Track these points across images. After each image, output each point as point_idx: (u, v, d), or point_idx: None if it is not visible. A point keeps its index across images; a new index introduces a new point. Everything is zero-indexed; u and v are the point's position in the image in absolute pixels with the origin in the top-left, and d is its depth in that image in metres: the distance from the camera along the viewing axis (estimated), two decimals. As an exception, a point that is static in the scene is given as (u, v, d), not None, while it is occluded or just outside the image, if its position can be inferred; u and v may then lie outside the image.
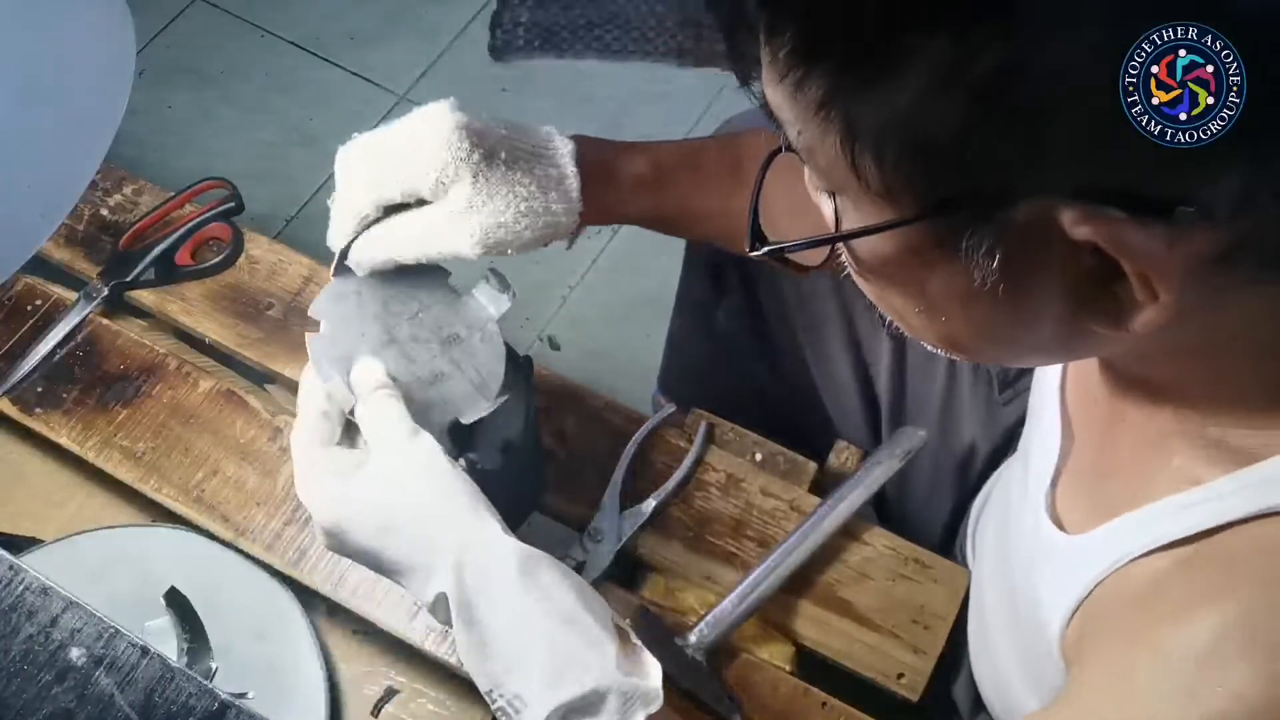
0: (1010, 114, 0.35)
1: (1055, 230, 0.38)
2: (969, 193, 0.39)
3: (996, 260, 0.40)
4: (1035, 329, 0.45)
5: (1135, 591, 0.51)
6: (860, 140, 0.39)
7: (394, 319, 0.68)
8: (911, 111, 0.37)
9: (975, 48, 0.34)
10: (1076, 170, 0.36)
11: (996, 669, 0.70)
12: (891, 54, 0.36)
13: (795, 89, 0.40)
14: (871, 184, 0.40)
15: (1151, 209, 0.36)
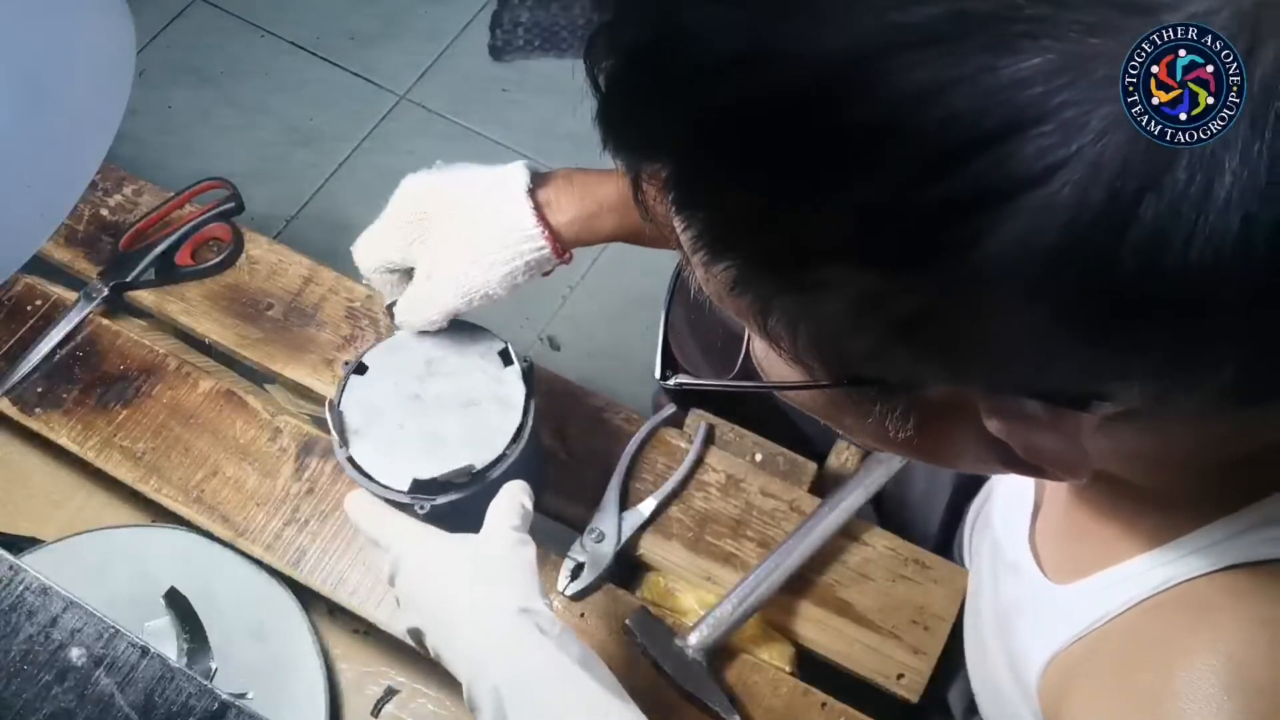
0: (927, 344, 0.35)
1: (970, 408, 0.38)
2: (880, 379, 0.38)
3: (911, 422, 0.40)
4: (957, 464, 0.45)
5: (1115, 646, 0.51)
6: (772, 320, 0.38)
7: (430, 378, 0.74)
8: (826, 322, 0.36)
9: (894, 291, 0.33)
10: (992, 377, 0.36)
11: (991, 681, 0.70)
12: (805, 277, 0.35)
13: (703, 265, 0.38)
14: (784, 350, 0.39)
15: (1068, 404, 0.35)
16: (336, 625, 0.83)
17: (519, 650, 0.60)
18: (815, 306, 0.35)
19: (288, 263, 0.93)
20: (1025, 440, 0.38)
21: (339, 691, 0.80)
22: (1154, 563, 0.50)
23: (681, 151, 0.35)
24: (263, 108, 1.85)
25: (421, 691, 0.81)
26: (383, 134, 1.83)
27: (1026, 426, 0.37)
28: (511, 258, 0.70)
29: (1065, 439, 0.37)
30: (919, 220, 0.31)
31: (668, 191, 0.37)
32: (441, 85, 1.88)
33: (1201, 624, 0.46)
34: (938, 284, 0.32)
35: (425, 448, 0.72)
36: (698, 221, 0.36)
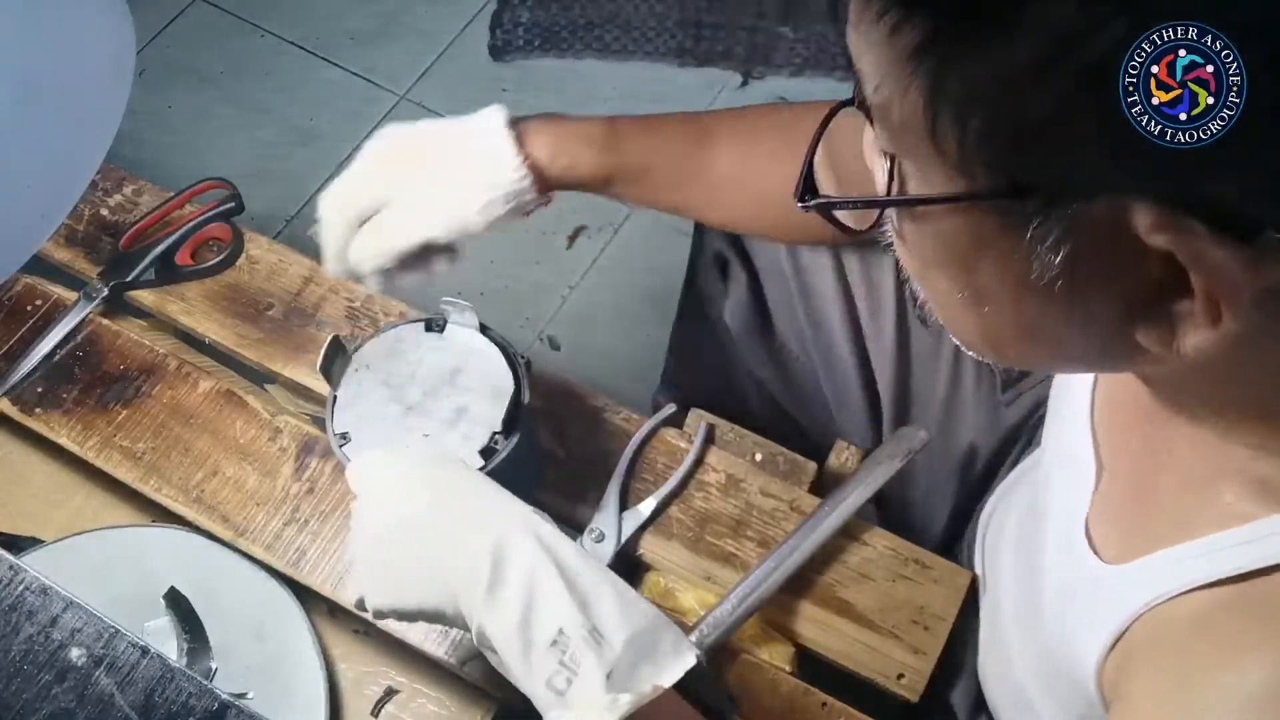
0: (1111, 105, 0.33)
1: (1129, 232, 0.36)
2: (1049, 179, 0.36)
3: (1061, 255, 0.38)
4: (1081, 333, 0.43)
5: (1181, 630, 0.49)
6: (945, 103, 0.37)
7: (400, 390, 0.75)
8: (1010, 82, 0.35)
9: (1091, 27, 0.32)
10: (1169, 175, 0.34)
11: (1013, 678, 0.69)
12: (1005, 15, 0.33)
13: (888, 33, 0.37)
14: (945, 152, 0.38)
15: (1237, 229, 0.34)
16: (336, 625, 0.83)
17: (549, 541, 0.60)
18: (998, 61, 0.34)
19: (288, 263, 0.93)
20: (1193, 251, 0.36)
21: (339, 691, 0.80)
22: (1232, 541, 0.47)
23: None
24: (263, 108, 1.85)
25: (421, 691, 0.81)
26: (383, 134, 1.83)
27: (1193, 240, 0.35)
28: (491, 186, 0.70)
29: (1232, 260, 0.36)
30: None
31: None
32: (441, 85, 1.88)
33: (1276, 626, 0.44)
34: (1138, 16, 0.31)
35: (420, 444, 0.72)
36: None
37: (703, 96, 1.82)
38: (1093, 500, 0.62)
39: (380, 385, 0.75)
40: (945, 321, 0.48)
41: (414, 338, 0.77)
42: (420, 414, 0.74)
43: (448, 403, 0.74)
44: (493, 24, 1.93)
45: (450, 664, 0.78)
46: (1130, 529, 0.57)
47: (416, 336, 0.77)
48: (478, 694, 0.80)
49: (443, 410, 0.74)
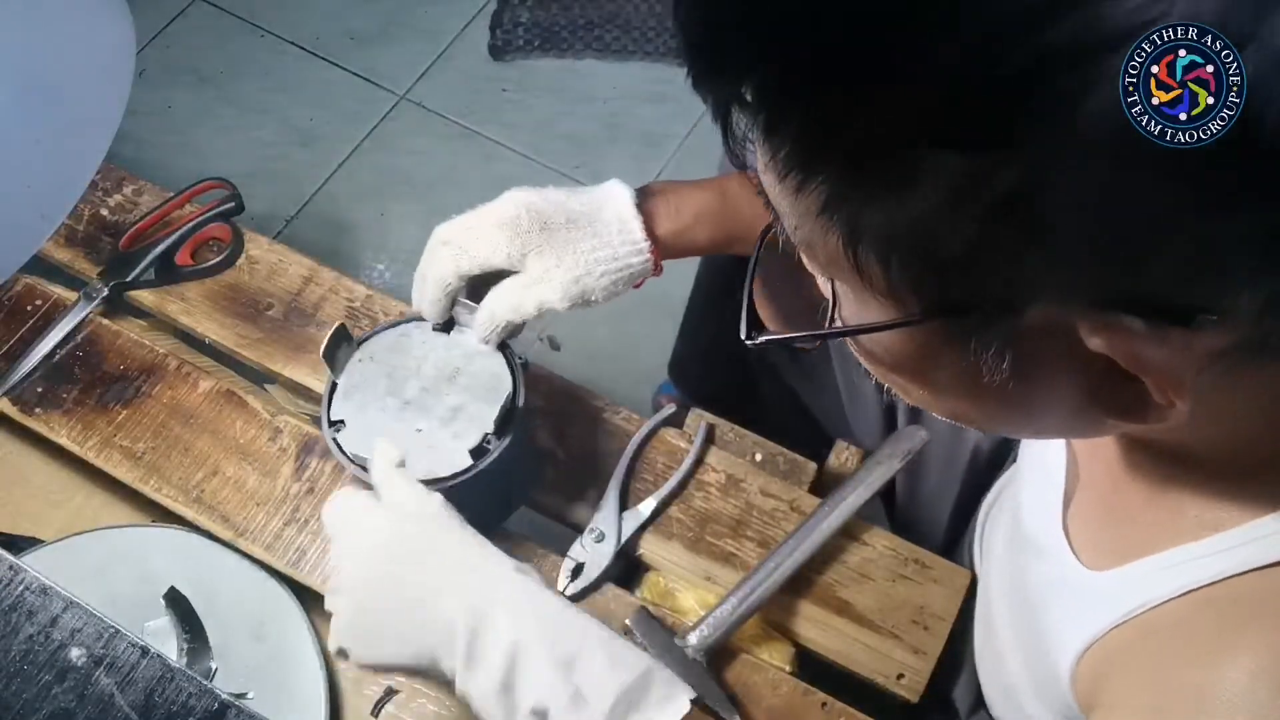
0: (1023, 232, 0.34)
1: (1069, 334, 0.37)
2: (978, 299, 0.37)
3: (1006, 361, 0.39)
4: (1045, 418, 0.44)
5: (1160, 637, 0.50)
6: (864, 245, 0.37)
7: (400, 383, 0.75)
8: (920, 224, 0.35)
9: (987, 171, 0.32)
10: (1092, 280, 0.35)
11: (1004, 677, 0.70)
12: (899, 170, 0.34)
13: (794, 191, 0.38)
14: (875, 284, 0.38)
15: (1171, 317, 0.34)
16: (336, 625, 0.83)
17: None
18: (906, 209, 0.35)
19: (288, 263, 0.93)
20: (1130, 352, 0.36)
21: (339, 691, 0.80)
22: (1206, 551, 0.48)
23: (767, 60, 0.35)
24: (263, 108, 1.85)
25: (421, 691, 0.81)
26: (383, 134, 1.83)
27: (1131, 339, 0.36)
28: (621, 268, 0.74)
29: (1171, 351, 0.36)
30: (1009, 88, 0.30)
31: (757, 115, 0.36)
32: (441, 85, 1.88)
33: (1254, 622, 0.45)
34: (1030, 158, 0.32)
35: (413, 437, 0.73)
36: (788, 137, 0.36)
37: (703, 96, 1.82)
38: (1069, 504, 0.63)
39: (382, 377, 0.75)
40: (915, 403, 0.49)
41: (420, 335, 0.77)
42: (417, 409, 0.74)
43: (445, 400, 0.74)
44: (493, 24, 1.93)
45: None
46: (1106, 536, 0.59)
47: (423, 334, 0.77)
48: (478, 694, 0.80)
49: (439, 407, 0.74)
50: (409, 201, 1.73)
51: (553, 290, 0.73)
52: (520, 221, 0.73)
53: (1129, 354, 0.36)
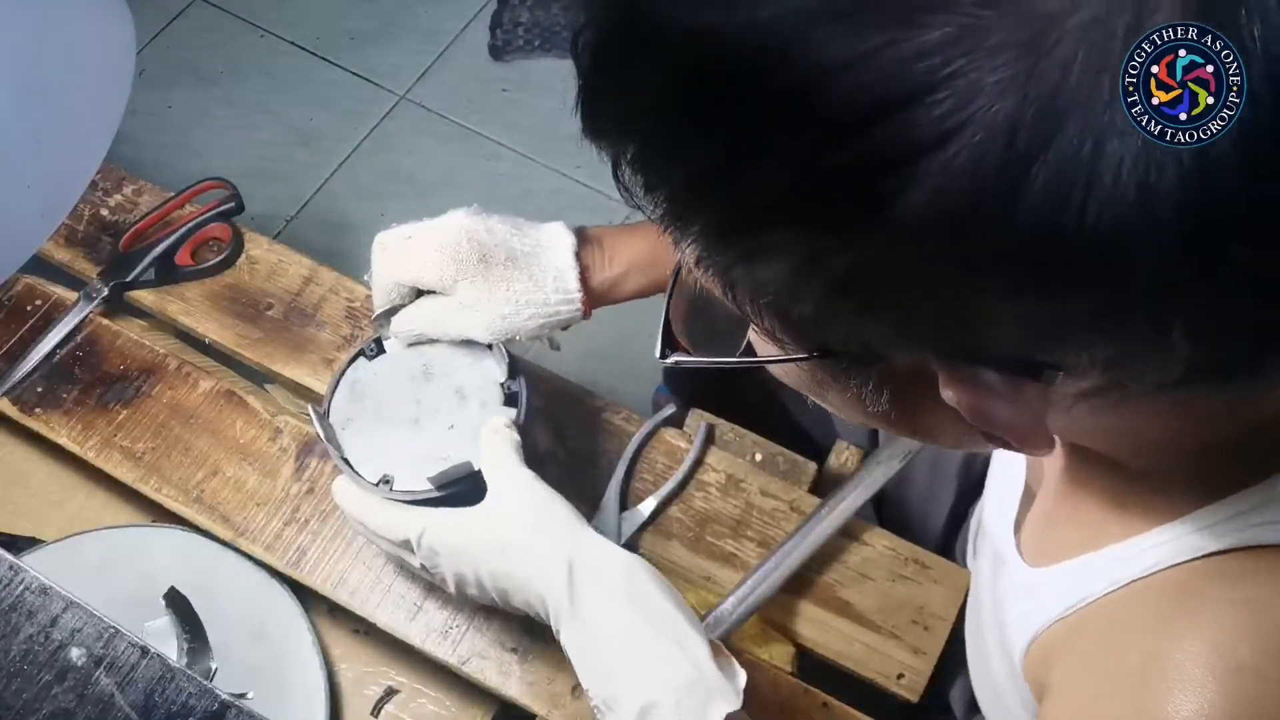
0: (866, 301, 0.36)
1: (934, 378, 0.39)
2: (846, 347, 0.40)
3: (885, 395, 0.42)
4: (939, 439, 0.46)
5: (1098, 626, 0.52)
6: (739, 295, 0.40)
7: (418, 382, 0.76)
8: (775, 289, 0.38)
9: (825, 250, 0.35)
10: (939, 340, 0.37)
11: (988, 675, 0.70)
12: (752, 242, 0.37)
13: (673, 244, 0.41)
14: (759, 326, 0.41)
15: (1020, 372, 0.36)
16: (336, 625, 0.83)
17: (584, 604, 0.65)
18: (763, 273, 0.37)
19: (288, 263, 0.93)
20: (977, 407, 0.39)
21: (339, 691, 0.80)
22: (1142, 546, 0.50)
23: (642, 129, 0.38)
24: (263, 108, 1.85)
25: (421, 691, 0.81)
26: (383, 134, 1.83)
27: (981, 395, 0.38)
28: (550, 314, 0.76)
29: (1020, 409, 0.38)
30: (837, 182, 0.33)
31: (637, 174, 0.39)
32: (441, 85, 1.88)
33: (1188, 608, 0.47)
34: (862, 244, 0.34)
35: (417, 447, 0.73)
36: (663, 198, 0.39)
37: (703, 96, 1.82)
38: (1022, 507, 0.66)
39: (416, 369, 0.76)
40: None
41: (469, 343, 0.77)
42: (420, 419, 0.74)
43: (450, 411, 0.74)
44: (493, 24, 1.93)
45: (450, 664, 0.78)
46: (1049, 536, 0.61)
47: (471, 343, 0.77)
48: (478, 694, 0.80)
49: (440, 422, 0.74)
50: (409, 201, 1.73)
51: (479, 323, 0.75)
52: (460, 249, 0.74)
53: (979, 411, 0.39)
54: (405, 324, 0.76)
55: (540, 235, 0.77)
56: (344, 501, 0.72)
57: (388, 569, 0.80)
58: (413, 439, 0.73)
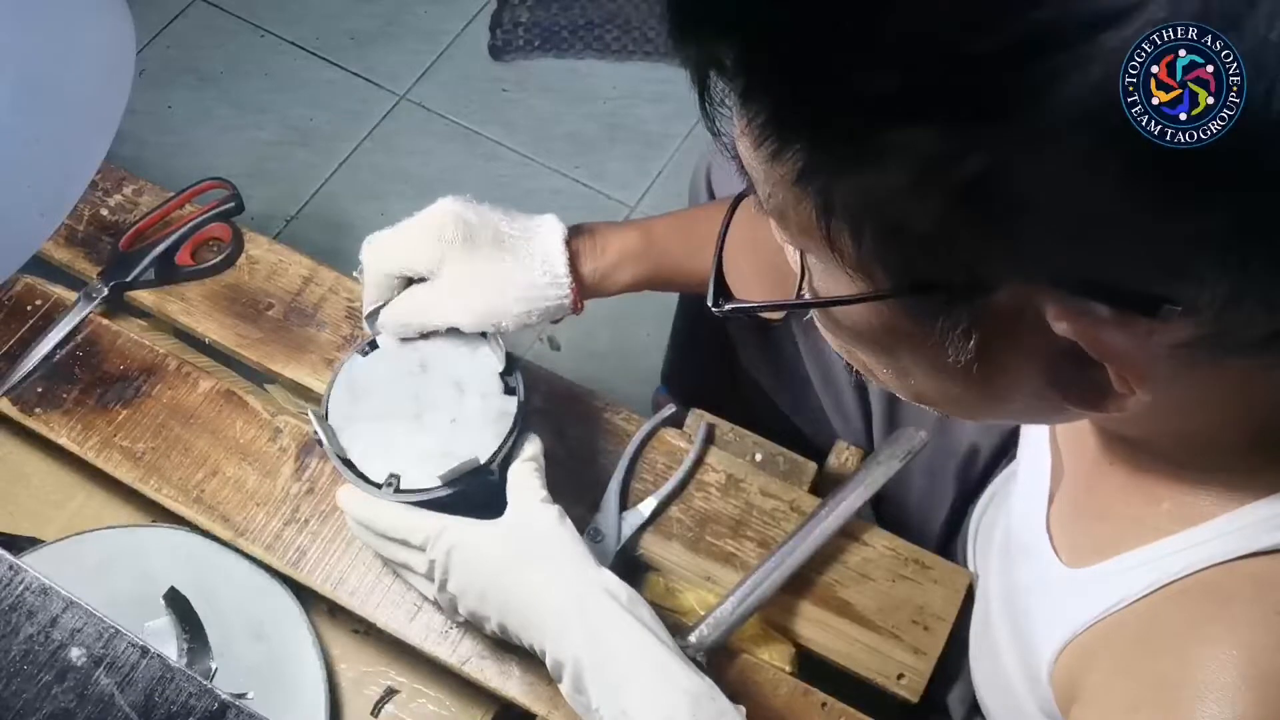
0: (993, 213, 0.34)
1: (1035, 316, 0.37)
2: (946, 278, 0.37)
3: (972, 341, 0.39)
4: (1007, 402, 0.44)
5: (1133, 631, 0.51)
6: (836, 216, 0.37)
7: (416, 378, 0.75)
8: (889, 199, 0.35)
9: (959, 150, 0.32)
10: (1060, 264, 0.35)
11: (999, 676, 0.70)
12: (870, 144, 0.34)
13: (769, 158, 0.37)
14: (845, 257, 0.39)
15: (1136, 305, 0.35)
16: (336, 625, 0.83)
17: (594, 622, 0.64)
18: (878, 181, 0.34)
19: (288, 263, 0.93)
20: (1095, 337, 0.36)
21: (339, 691, 0.80)
22: (1178, 546, 0.49)
23: (745, 24, 0.35)
24: (263, 108, 1.85)
25: (421, 691, 0.81)
26: (383, 134, 1.83)
27: (1096, 325, 0.36)
28: (536, 298, 0.73)
29: (1135, 340, 0.36)
30: (988, 65, 0.30)
31: (735, 81, 0.36)
32: (441, 85, 1.88)
33: (1222, 613, 0.46)
34: (1005, 138, 0.31)
35: (420, 443, 0.73)
36: (765, 105, 0.36)
37: (703, 96, 1.82)
38: (1054, 499, 0.64)
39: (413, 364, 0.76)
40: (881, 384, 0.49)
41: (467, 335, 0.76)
42: (418, 418, 0.74)
43: (448, 411, 0.74)
44: (493, 24, 1.93)
45: (450, 664, 0.78)
46: (1083, 533, 0.59)
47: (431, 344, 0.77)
48: (478, 694, 0.80)
49: (441, 416, 0.74)
50: (409, 201, 1.72)
51: (462, 309, 0.73)
52: (445, 229, 0.72)
53: (1093, 339, 0.37)
54: (393, 315, 0.75)
55: (529, 222, 0.76)
56: (350, 505, 0.72)
57: (388, 569, 0.80)
58: (415, 436, 0.73)
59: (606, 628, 0.64)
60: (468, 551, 0.67)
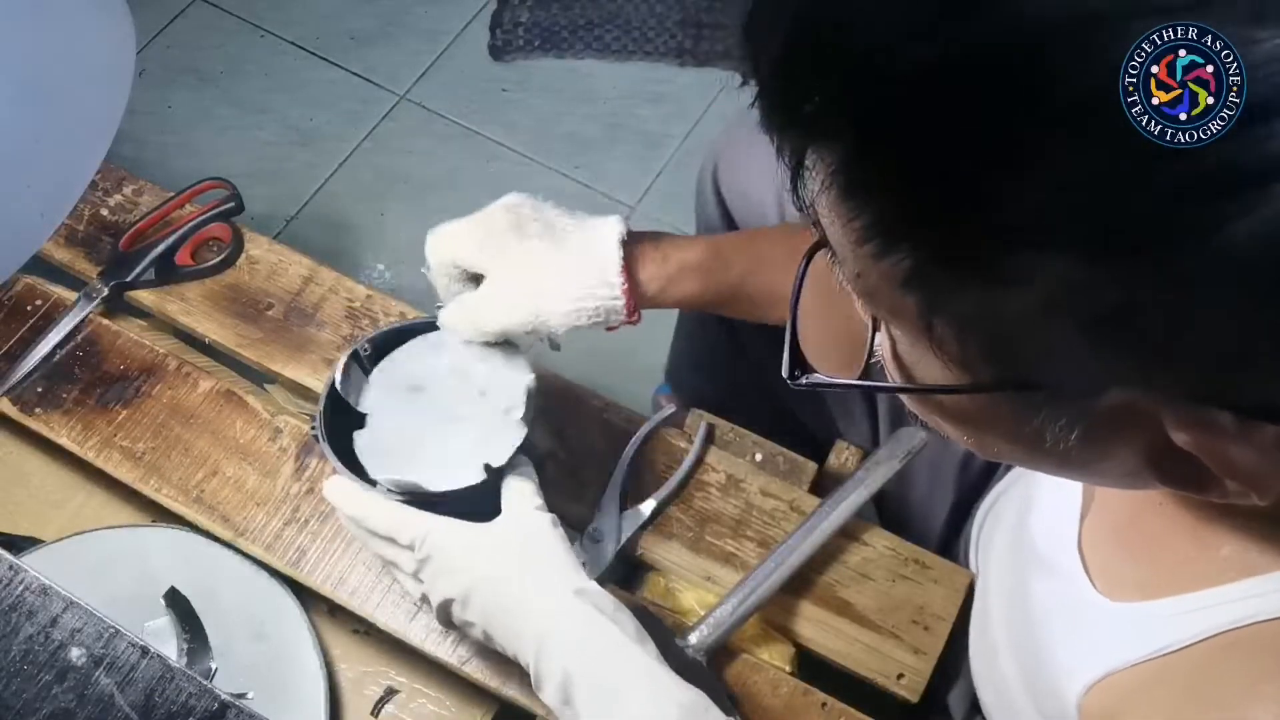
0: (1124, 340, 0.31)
1: (1150, 420, 0.35)
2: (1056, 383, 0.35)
3: (1075, 433, 0.37)
4: (1098, 476, 0.42)
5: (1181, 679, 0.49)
6: (941, 320, 0.34)
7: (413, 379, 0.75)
8: (1008, 320, 0.32)
9: (1097, 281, 0.30)
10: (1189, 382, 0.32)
11: (997, 679, 0.70)
12: (994, 271, 0.31)
13: (872, 255, 0.34)
14: (944, 349, 0.35)
15: (1262, 415, 0.33)
16: (336, 625, 0.83)
17: (581, 635, 0.63)
18: (1000, 304, 0.32)
19: (288, 263, 0.93)
20: (1217, 453, 0.35)
21: (339, 691, 0.80)
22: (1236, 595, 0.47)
23: (859, 127, 0.32)
24: (263, 108, 1.85)
25: (421, 691, 0.81)
26: (383, 134, 1.83)
27: (1217, 438, 0.34)
28: (584, 297, 0.70)
29: (1258, 452, 0.34)
30: (1154, 201, 0.28)
31: (837, 175, 0.33)
32: (441, 85, 1.88)
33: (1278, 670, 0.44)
34: (1156, 275, 0.29)
35: (418, 442, 0.72)
36: (871, 209, 0.33)
37: (703, 97, 1.82)
38: (1083, 525, 0.62)
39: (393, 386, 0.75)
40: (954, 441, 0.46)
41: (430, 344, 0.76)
42: (423, 420, 0.74)
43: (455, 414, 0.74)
44: (493, 24, 1.93)
45: (450, 664, 0.78)
46: (1127, 566, 0.57)
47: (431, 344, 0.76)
48: (478, 694, 0.80)
49: (447, 420, 0.73)
50: (409, 201, 1.73)
51: (508, 309, 0.70)
52: (495, 221, 0.70)
53: (1218, 456, 0.35)
54: (450, 322, 0.73)
55: (587, 219, 0.72)
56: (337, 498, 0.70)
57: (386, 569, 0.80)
58: (414, 435, 0.73)
59: (593, 640, 0.63)
60: (454, 555, 0.66)
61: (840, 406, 1.00)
